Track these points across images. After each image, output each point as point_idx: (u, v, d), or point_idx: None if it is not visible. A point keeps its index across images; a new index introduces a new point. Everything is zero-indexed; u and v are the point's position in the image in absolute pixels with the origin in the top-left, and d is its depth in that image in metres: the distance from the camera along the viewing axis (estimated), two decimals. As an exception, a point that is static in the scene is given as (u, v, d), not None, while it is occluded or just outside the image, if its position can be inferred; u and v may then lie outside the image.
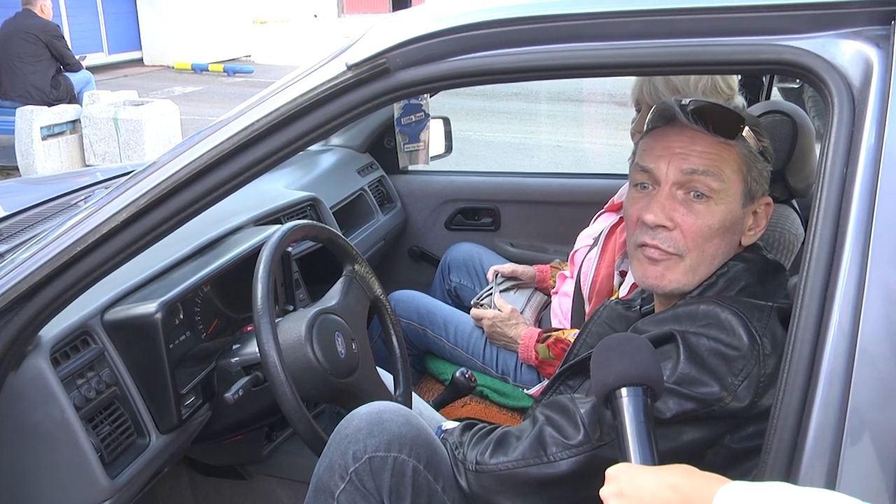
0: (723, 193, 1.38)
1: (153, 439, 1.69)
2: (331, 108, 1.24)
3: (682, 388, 1.27)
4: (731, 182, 1.39)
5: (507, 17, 1.15)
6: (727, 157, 1.38)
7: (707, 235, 1.39)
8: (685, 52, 1.10)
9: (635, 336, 1.23)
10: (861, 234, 0.95)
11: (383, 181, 3.36)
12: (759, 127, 1.44)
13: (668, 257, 1.41)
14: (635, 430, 1.05)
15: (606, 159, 7.96)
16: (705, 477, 0.93)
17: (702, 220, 1.38)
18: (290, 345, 1.75)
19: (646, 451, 1.04)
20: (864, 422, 0.94)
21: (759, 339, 1.27)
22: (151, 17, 14.45)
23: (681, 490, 0.92)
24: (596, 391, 1.12)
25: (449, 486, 1.44)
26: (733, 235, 1.42)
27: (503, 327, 2.40)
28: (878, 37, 0.99)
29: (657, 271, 1.43)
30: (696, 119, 1.38)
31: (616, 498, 0.99)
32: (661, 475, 0.97)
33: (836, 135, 0.99)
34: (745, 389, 1.26)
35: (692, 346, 1.29)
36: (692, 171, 1.37)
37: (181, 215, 1.33)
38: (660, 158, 1.41)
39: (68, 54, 7.95)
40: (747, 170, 1.40)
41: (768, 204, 1.46)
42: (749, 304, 1.33)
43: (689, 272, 1.41)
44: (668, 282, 1.43)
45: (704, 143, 1.38)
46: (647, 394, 1.08)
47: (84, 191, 2.43)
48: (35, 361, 1.48)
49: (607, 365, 1.11)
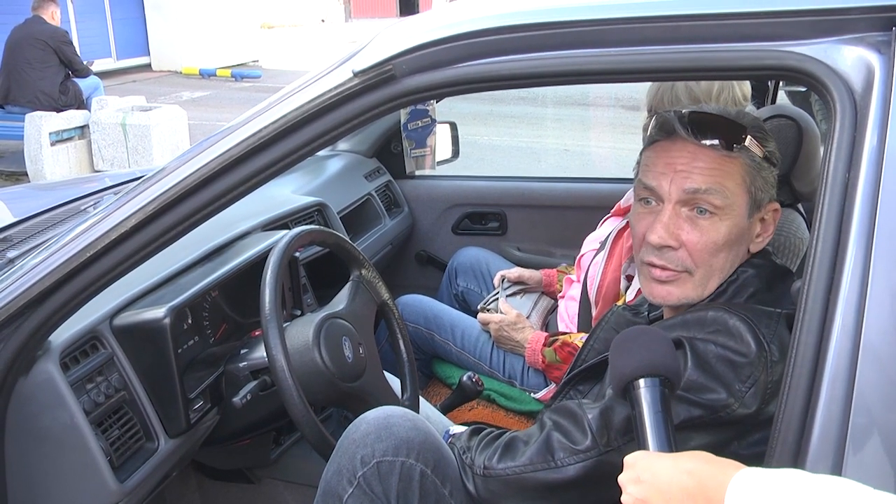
0: (727, 209, 1.37)
1: (162, 443, 1.70)
2: (337, 114, 1.25)
3: (689, 395, 1.27)
4: (736, 196, 1.37)
5: (513, 23, 1.16)
6: (730, 170, 1.37)
7: (713, 251, 1.38)
8: (688, 59, 1.10)
9: (652, 328, 1.24)
10: (863, 237, 0.96)
11: (390, 186, 3.37)
12: (762, 132, 1.43)
13: (676, 276, 1.41)
14: (653, 420, 1.07)
15: (613, 163, 7.96)
16: (721, 463, 0.94)
17: (707, 236, 1.38)
18: (297, 349, 1.75)
19: (663, 439, 1.06)
20: (869, 423, 0.94)
21: (766, 346, 1.27)
22: (159, 22, 14.49)
23: (697, 475, 0.94)
24: (614, 382, 1.14)
25: (456, 490, 1.45)
26: (741, 246, 1.42)
27: (510, 331, 2.41)
28: (879, 42, 1.00)
29: (664, 290, 1.43)
30: (697, 132, 1.37)
31: (634, 484, 1.01)
32: (678, 461, 0.98)
33: (839, 139, 1.00)
34: (752, 396, 1.25)
35: (700, 353, 1.29)
36: (695, 191, 1.36)
37: (189, 221, 1.34)
38: (662, 176, 1.40)
39: (77, 60, 7.99)
40: (751, 180, 1.39)
41: (776, 210, 1.45)
42: (757, 310, 1.33)
43: (699, 286, 1.41)
44: (676, 298, 1.43)
45: (706, 159, 1.37)
46: (664, 384, 1.10)
47: (93, 196, 2.44)
48: (45, 366, 1.49)
49: (625, 357, 1.12)
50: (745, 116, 1.45)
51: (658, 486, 0.97)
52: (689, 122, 1.38)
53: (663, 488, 0.96)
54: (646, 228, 1.42)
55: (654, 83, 2.16)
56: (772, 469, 0.89)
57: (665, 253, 1.40)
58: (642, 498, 0.99)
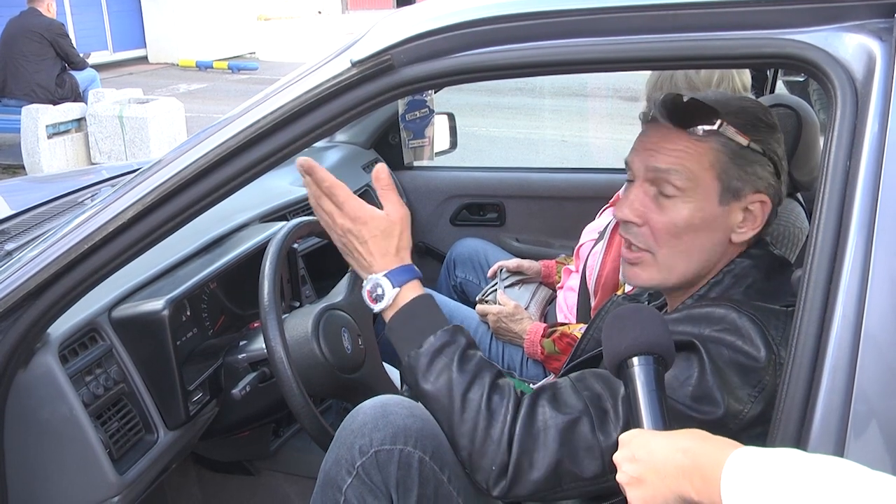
0: (690, 192, 1.36)
1: (161, 435, 1.70)
2: (335, 104, 1.25)
3: (701, 407, 1.26)
4: (701, 180, 1.36)
5: (511, 12, 1.16)
6: (697, 153, 1.36)
7: (674, 232, 1.38)
8: (688, 47, 1.10)
9: (645, 306, 1.23)
10: (864, 226, 0.95)
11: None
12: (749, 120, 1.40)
13: (640, 257, 1.43)
14: (647, 398, 1.07)
15: (611, 154, 7.94)
16: (718, 441, 0.94)
17: (666, 216, 1.38)
18: (296, 341, 1.75)
19: (657, 417, 1.05)
20: (869, 412, 0.94)
21: (775, 349, 1.26)
22: (155, 14, 14.45)
23: (692, 454, 0.93)
24: (608, 361, 1.13)
25: (455, 476, 1.45)
26: (713, 233, 1.40)
27: (508, 322, 2.41)
28: (880, 30, 0.99)
29: (632, 272, 1.46)
30: (668, 115, 1.37)
31: (629, 462, 1.00)
32: (674, 439, 0.98)
33: (840, 128, 0.99)
34: (760, 401, 1.26)
35: (714, 358, 1.27)
36: (656, 169, 1.37)
37: (187, 213, 1.33)
38: (634, 153, 1.43)
39: (73, 53, 7.97)
40: (723, 167, 1.37)
41: (763, 202, 1.41)
42: (765, 309, 1.32)
43: (664, 269, 1.42)
44: (643, 280, 1.45)
45: (675, 140, 1.37)
46: (657, 362, 1.09)
47: (90, 189, 2.43)
48: (44, 359, 1.49)
49: (619, 335, 1.12)
50: (730, 104, 1.42)
51: (653, 465, 0.97)
52: (663, 105, 1.38)
53: (659, 466, 0.96)
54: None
55: (653, 73, 2.16)
56: (768, 448, 0.88)
57: (630, 228, 1.43)
58: (637, 476, 0.98)
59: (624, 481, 1.01)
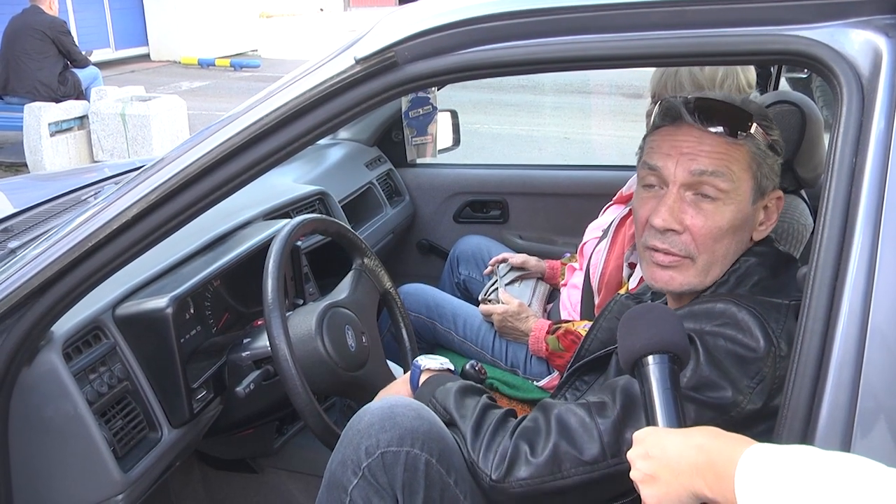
0: (732, 193, 1.36)
1: (165, 433, 1.70)
2: (339, 102, 1.25)
3: (700, 395, 1.27)
4: (741, 181, 1.37)
5: (515, 9, 1.15)
6: (736, 155, 1.37)
7: (717, 236, 1.38)
8: (693, 44, 1.09)
9: (659, 305, 1.23)
10: (870, 222, 0.95)
11: (391, 174, 3.36)
12: (767, 120, 1.42)
13: (679, 261, 1.41)
14: (662, 396, 1.07)
15: (614, 151, 7.95)
16: (731, 438, 0.94)
17: (711, 221, 1.37)
18: (300, 338, 1.75)
19: (672, 415, 1.06)
20: (877, 407, 0.94)
21: (775, 341, 1.26)
22: (157, 12, 14.45)
23: (706, 451, 0.93)
24: (623, 360, 1.13)
25: (461, 479, 1.44)
26: (744, 233, 1.41)
27: (514, 321, 2.40)
28: (887, 25, 0.99)
29: (666, 275, 1.43)
30: (703, 118, 1.36)
31: (643, 460, 1.01)
32: (688, 437, 0.98)
33: (846, 124, 0.99)
34: (759, 393, 1.26)
35: (710, 349, 1.28)
36: (701, 173, 1.36)
37: (191, 210, 1.33)
38: (667, 157, 1.39)
39: (75, 50, 7.96)
40: (757, 167, 1.38)
41: (779, 198, 1.44)
42: (766, 303, 1.32)
43: (701, 273, 1.41)
44: (678, 284, 1.43)
45: (712, 143, 1.36)
46: (672, 360, 1.09)
47: (93, 186, 2.43)
48: (48, 356, 1.49)
49: (634, 334, 1.12)
50: (751, 104, 1.44)
51: (667, 462, 0.97)
52: (695, 108, 1.37)
53: (673, 464, 0.96)
54: (649, 212, 1.42)
55: (657, 69, 2.15)
56: (782, 445, 0.88)
57: (669, 237, 1.40)
58: (651, 473, 0.98)
59: (637, 478, 1.01)
